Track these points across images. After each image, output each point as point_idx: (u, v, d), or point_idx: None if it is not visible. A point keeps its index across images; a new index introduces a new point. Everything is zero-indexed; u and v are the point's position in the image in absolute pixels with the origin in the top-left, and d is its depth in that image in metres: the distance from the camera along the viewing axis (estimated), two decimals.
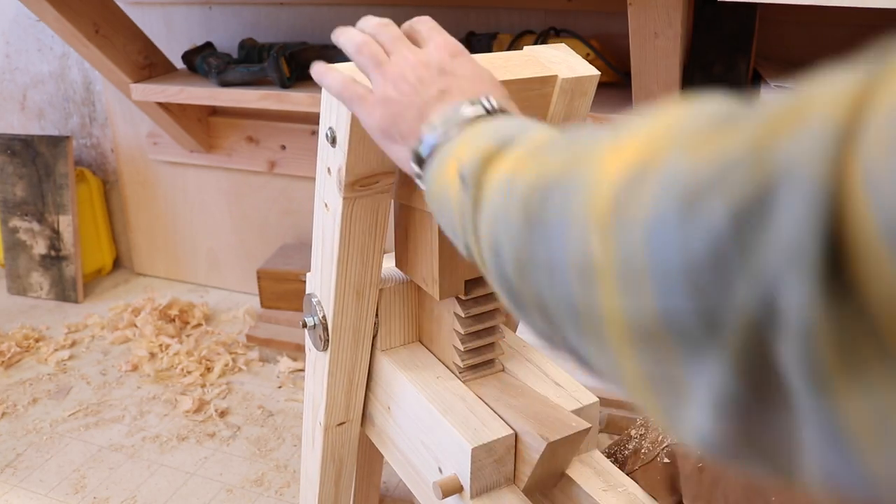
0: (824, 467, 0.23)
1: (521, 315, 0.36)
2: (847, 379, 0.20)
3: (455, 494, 0.67)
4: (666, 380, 0.27)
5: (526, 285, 0.33)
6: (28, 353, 1.69)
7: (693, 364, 0.25)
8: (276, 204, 1.83)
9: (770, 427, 0.24)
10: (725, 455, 0.26)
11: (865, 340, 0.20)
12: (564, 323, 0.31)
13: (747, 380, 0.23)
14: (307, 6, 1.61)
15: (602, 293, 0.27)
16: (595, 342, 0.29)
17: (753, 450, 0.25)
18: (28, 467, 1.33)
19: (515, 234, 0.33)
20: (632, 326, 0.27)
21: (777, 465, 0.25)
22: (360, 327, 0.75)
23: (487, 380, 0.75)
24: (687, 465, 0.70)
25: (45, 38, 1.90)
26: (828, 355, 0.20)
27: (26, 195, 1.91)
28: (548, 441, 0.64)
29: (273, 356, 1.63)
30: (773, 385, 0.23)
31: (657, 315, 0.25)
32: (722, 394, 0.24)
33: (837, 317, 0.20)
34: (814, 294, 0.20)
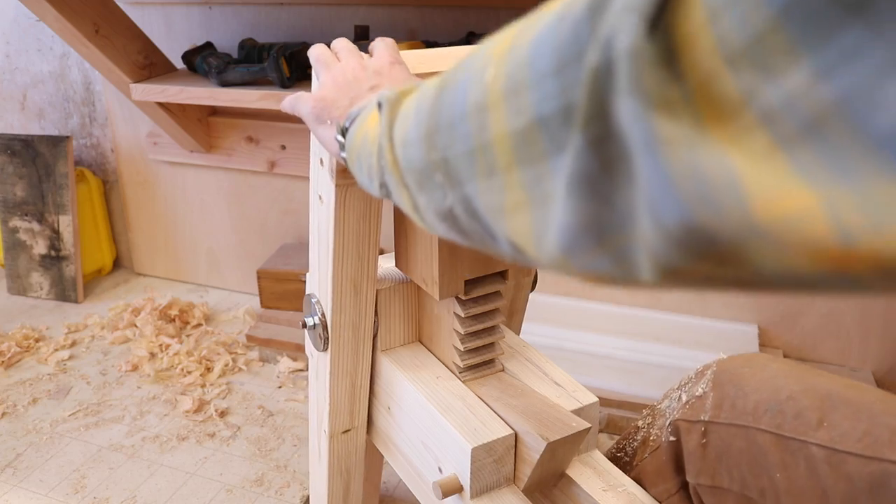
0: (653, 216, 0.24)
1: (426, 193, 0.38)
2: (670, 132, 0.23)
3: (455, 494, 0.67)
4: (539, 190, 0.29)
5: (433, 154, 0.36)
6: (28, 353, 1.69)
7: (558, 160, 0.27)
8: (276, 204, 1.83)
9: (616, 208, 0.26)
10: (581, 258, 0.28)
11: (682, 104, 0.22)
12: (462, 171, 0.34)
13: (598, 154, 0.25)
14: (307, 6, 1.61)
15: (493, 120, 0.30)
16: (486, 176, 0.32)
17: (603, 245, 0.27)
18: (28, 467, 1.33)
19: (426, 110, 0.36)
20: (515, 144, 0.29)
21: (621, 262, 0.27)
22: (360, 325, 0.75)
23: (487, 380, 0.75)
24: (690, 442, 0.71)
25: (45, 38, 1.90)
26: (653, 104, 0.23)
27: (26, 195, 1.91)
28: (548, 441, 0.64)
29: (273, 356, 1.63)
30: (619, 156, 0.25)
31: (532, 116, 0.28)
32: (578, 176, 0.26)
33: (660, 71, 0.22)
34: (640, 36, 0.22)
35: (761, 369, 0.71)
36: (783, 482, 0.63)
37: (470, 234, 0.37)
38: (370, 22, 1.58)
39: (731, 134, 0.22)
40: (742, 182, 0.21)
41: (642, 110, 0.23)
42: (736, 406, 0.69)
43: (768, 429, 0.65)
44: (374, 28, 1.57)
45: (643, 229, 0.25)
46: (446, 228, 0.39)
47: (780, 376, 0.69)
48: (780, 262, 0.22)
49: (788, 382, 0.68)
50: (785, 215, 0.21)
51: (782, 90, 0.20)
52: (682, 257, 0.24)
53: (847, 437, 0.61)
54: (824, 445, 0.61)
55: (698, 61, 0.22)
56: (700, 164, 0.22)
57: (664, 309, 1.58)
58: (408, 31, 1.57)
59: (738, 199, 0.22)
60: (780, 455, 0.64)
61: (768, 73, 0.20)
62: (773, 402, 0.66)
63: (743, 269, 0.23)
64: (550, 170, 0.28)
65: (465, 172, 0.34)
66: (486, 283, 0.71)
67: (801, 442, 0.63)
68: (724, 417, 0.69)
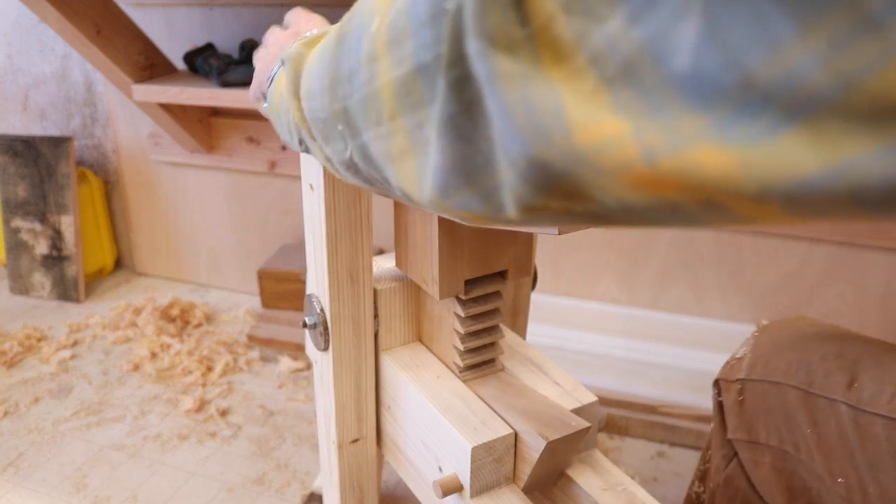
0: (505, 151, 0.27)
1: (331, 144, 0.40)
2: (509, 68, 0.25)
3: (455, 493, 0.68)
4: (421, 137, 0.31)
5: (335, 104, 0.37)
6: (30, 352, 1.69)
7: (432, 107, 0.29)
8: (277, 204, 1.84)
9: (479, 148, 0.28)
10: (454, 198, 0.31)
11: (524, 45, 0.24)
12: (358, 119, 0.35)
13: (458, 96, 0.27)
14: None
15: (380, 69, 0.32)
16: (376, 124, 0.33)
17: (471, 184, 0.29)
18: (30, 466, 1.33)
19: (327, 62, 0.37)
20: (397, 92, 0.31)
21: (489, 200, 0.29)
22: (360, 320, 0.75)
23: (487, 379, 0.75)
24: (729, 399, 0.74)
25: (46, 39, 1.91)
26: (495, 43, 0.25)
27: (28, 195, 1.91)
28: (547, 440, 0.64)
29: (274, 356, 1.64)
30: (477, 98, 0.27)
31: (412, 64, 0.29)
32: (443, 117, 0.28)
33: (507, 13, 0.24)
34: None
35: (798, 331, 0.73)
36: (813, 438, 0.65)
37: (372, 182, 0.39)
38: None
39: (566, 74, 0.23)
40: (566, 112, 0.23)
41: (485, 49, 0.25)
42: (770, 364, 0.71)
43: (798, 385, 0.67)
44: None
45: (501, 166, 0.27)
46: (352, 177, 0.41)
47: (817, 338, 0.71)
48: (610, 190, 0.24)
49: (824, 344, 0.69)
50: (600, 140, 0.23)
51: (605, 34, 0.22)
52: (533, 192, 0.26)
53: (876, 399, 0.62)
54: (853, 405, 0.63)
55: (540, 6, 0.24)
56: (532, 96, 0.24)
57: (664, 309, 1.59)
58: None
59: (562, 127, 0.24)
60: (809, 412, 0.66)
61: (595, 18, 0.22)
62: (806, 362, 0.68)
63: (588, 202, 0.25)
64: (428, 116, 0.30)
65: (360, 121, 0.35)
66: (486, 283, 0.71)
67: (829, 400, 0.64)
68: (758, 374, 0.71)
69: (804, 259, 1.44)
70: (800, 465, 0.67)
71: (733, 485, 0.75)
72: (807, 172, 0.19)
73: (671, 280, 1.56)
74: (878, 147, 0.18)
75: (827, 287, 1.45)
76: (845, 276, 1.43)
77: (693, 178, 0.22)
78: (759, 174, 0.20)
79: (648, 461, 1.31)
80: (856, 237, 1.37)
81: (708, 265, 1.52)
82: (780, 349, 0.71)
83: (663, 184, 0.22)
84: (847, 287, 1.43)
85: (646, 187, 0.23)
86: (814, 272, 1.45)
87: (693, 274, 1.54)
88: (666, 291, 1.58)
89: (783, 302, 1.49)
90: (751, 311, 1.53)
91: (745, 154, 0.20)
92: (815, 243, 1.42)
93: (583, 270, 1.63)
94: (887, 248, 1.37)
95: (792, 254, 1.45)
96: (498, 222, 0.31)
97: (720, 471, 0.76)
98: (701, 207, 0.23)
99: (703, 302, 1.56)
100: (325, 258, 0.70)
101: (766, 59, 0.18)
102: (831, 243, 1.41)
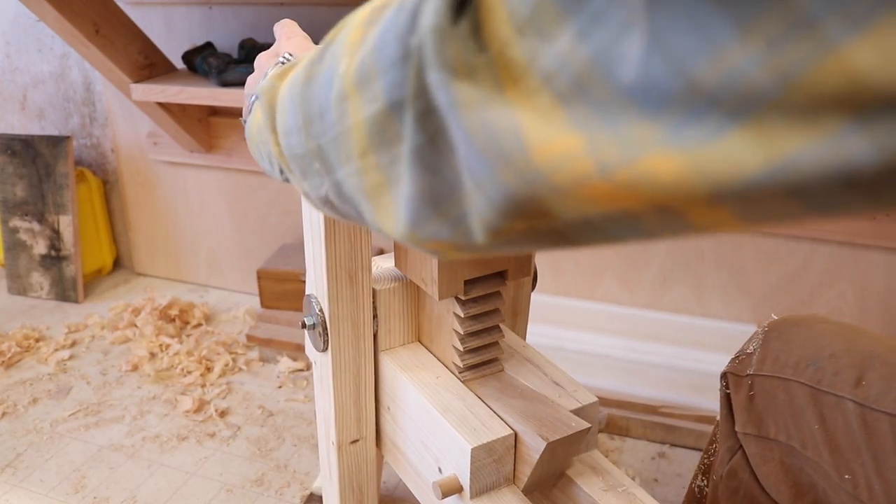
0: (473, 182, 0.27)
1: (308, 180, 0.40)
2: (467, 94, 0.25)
3: (455, 494, 0.67)
4: (395, 172, 0.31)
5: (311, 142, 0.37)
6: (28, 353, 1.69)
7: (403, 140, 0.30)
8: (276, 204, 1.84)
9: (445, 177, 0.29)
10: (424, 229, 0.31)
11: (484, 71, 0.25)
12: (331, 157, 0.36)
13: (423, 128, 0.28)
14: (307, 6, 1.61)
15: (351, 108, 0.32)
16: (347, 161, 0.34)
17: (440, 213, 0.30)
18: (28, 467, 1.33)
19: (298, 101, 0.38)
20: (369, 129, 0.31)
21: (457, 228, 0.30)
22: (359, 320, 0.75)
23: (487, 380, 0.75)
24: (739, 394, 0.74)
25: (45, 38, 1.90)
26: (454, 73, 0.25)
27: (26, 195, 1.91)
28: (547, 441, 0.64)
29: (273, 356, 1.63)
30: (441, 129, 0.27)
31: (383, 103, 0.30)
32: (411, 150, 0.29)
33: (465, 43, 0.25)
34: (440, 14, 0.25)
35: (809, 328, 0.74)
36: (821, 435, 0.66)
37: (346, 216, 0.39)
38: None
39: (522, 94, 0.24)
40: (523, 133, 0.24)
41: (444, 79, 0.26)
42: (779, 360, 0.71)
43: (807, 382, 0.68)
44: None
45: (468, 192, 0.28)
46: (329, 211, 0.41)
47: (827, 335, 0.71)
48: (571, 207, 0.25)
49: (833, 341, 0.70)
50: (557, 156, 0.23)
51: (555, 52, 0.23)
52: (499, 215, 0.27)
53: (883, 397, 0.62)
54: (860, 403, 0.63)
55: (496, 31, 0.24)
56: (491, 119, 0.25)
57: (664, 309, 1.58)
58: None
59: (520, 147, 0.24)
60: (817, 408, 0.66)
61: (545, 37, 0.23)
62: (815, 359, 0.69)
63: (551, 219, 0.26)
64: (402, 151, 0.30)
65: (334, 159, 0.35)
66: (486, 283, 0.71)
67: (837, 397, 0.65)
68: (767, 370, 0.72)
69: (805, 259, 1.44)
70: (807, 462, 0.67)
71: (736, 477, 0.75)
72: (752, 171, 0.20)
73: (672, 280, 1.56)
74: (814, 139, 0.18)
75: (828, 287, 1.45)
76: (846, 276, 1.42)
77: (647, 186, 0.22)
78: (708, 177, 0.21)
79: (649, 462, 1.31)
80: (857, 237, 1.37)
81: (708, 265, 1.52)
82: (789, 345, 0.72)
83: (619, 195, 0.23)
84: (848, 287, 1.43)
85: (604, 200, 0.23)
86: (815, 272, 1.44)
87: (694, 274, 1.54)
88: (666, 291, 1.57)
89: (784, 302, 1.49)
90: (752, 311, 1.52)
91: (695, 157, 0.21)
92: (817, 243, 1.42)
93: (583, 270, 1.62)
94: (889, 247, 1.37)
95: (793, 253, 1.45)
96: (467, 250, 0.31)
97: (724, 463, 0.76)
98: (658, 217, 0.23)
99: (704, 302, 1.55)
100: (323, 258, 0.70)
101: (710, 63, 0.19)
102: (832, 243, 1.41)
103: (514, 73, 0.24)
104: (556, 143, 0.23)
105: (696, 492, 0.84)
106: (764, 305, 1.51)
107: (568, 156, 0.23)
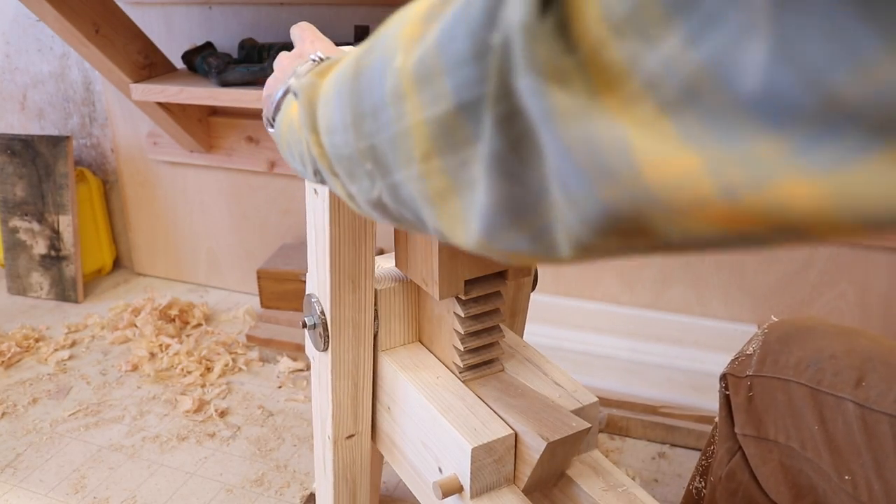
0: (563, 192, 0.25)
1: (357, 182, 0.38)
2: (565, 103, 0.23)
3: (455, 494, 0.67)
4: (466, 176, 0.29)
5: (361, 141, 0.35)
6: (28, 353, 1.69)
7: (479, 145, 0.28)
8: (276, 204, 1.83)
9: (529, 187, 0.27)
10: (500, 239, 0.29)
11: (576, 74, 0.23)
12: (389, 159, 0.33)
13: (506, 134, 0.26)
14: (307, 6, 1.61)
15: (409, 107, 0.30)
16: (407, 164, 0.32)
17: (520, 224, 0.28)
18: (28, 467, 1.33)
19: (346, 96, 0.36)
20: (433, 131, 0.29)
21: (539, 240, 0.28)
22: (360, 322, 0.75)
23: (487, 380, 0.75)
24: (738, 395, 0.74)
25: (44, 38, 1.90)
26: (547, 77, 0.23)
27: (26, 195, 1.91)
28: (548, 441, 0.64)
29: (273, 356, 1.63)
30: (526, 135, 0.25)
31: (452, 103, 0.28)
32: (490, 156, 0.27)
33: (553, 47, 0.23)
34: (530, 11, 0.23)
35: (808, 330, 0.73)
36: (821, 435, 0.65)
37: (401, 221, 0.37)
38: (370, 22, 1.58)
39: (621, 101, 0.22)
40: (632, 148, 0.22)
41: (538, 84, 0.24)
42: (779, 361, 0.71)
43: (807, 383, 0.67)
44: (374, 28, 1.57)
45: (557, 206, 0.26)
46: (379, 216, 0.39)
47: (827, 337, 0.71)
48: (680, 227, 0.23)
49: (833, 343, 0.70)
50: (673, 177, 0.21)
51: (660, 56, 0.21)
52: (594, 232, 0.25)
53: (883, 398, 0.62)
54: (860, 403, 0.63)
55: (588, 30, 0.22)
56: (593, 133, 0.23)
57: (664, 309, 1.58)
58: None
59: (629, 165, 0.22)
60: (817, 409, 0.66)
61: (648, 39, 0.21)
62: (815, 360, 0.68)
63: (652, 238, 0.24)
64: (475, 154, 0.28)
65: (391, 160, 0.33)
66: (486, 283, 0.71)
67: (837, 398, 0.65)
68: (766, 371, 0.72)
69: (806, 259, 1.44)
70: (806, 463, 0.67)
71: (735, 479, 0.75)
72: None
73: (672, 280, 1.56)
74: None
75: (829, 287, 1.45)
76: (847, 276, 1.42)
77: (780, 213, 0.20)
78: (855, 208, 0.19)
79: (649, 462, 1.31)
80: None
81: (709, 265, 1.52)
82: (789, 346, 0.72)
83: (744, 219, 0.21)
84: (849, 287, 1.43)
85: (724, 223, 0.22)
86: (816, 272, 1.44)
87: (694, 274, 1.54)
88: (667, 291, 1.57)
89: (785, 302, 1.49)
90: (752, 311, 1.52)
91: (836, 183, 0.19)
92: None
93: (583, 270, 1.62)
94: (889, 248, 1.37)
95: (794, 253, 1.44)
96: (547, 262, 0.29)
97: (723, 465, 0.76)
98: (783, 236, 0.22)
99: (705, 302, 1.55)
100: (327, 264, 0.70)
101: (852, 77, 0.17)
102: (833, 243, 1.41)
103: (612, 78, 0.22)
104: (672, 161, 0.21)
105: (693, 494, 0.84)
106: (764, 305, 1.51)
107: (686, 177, 0.21)
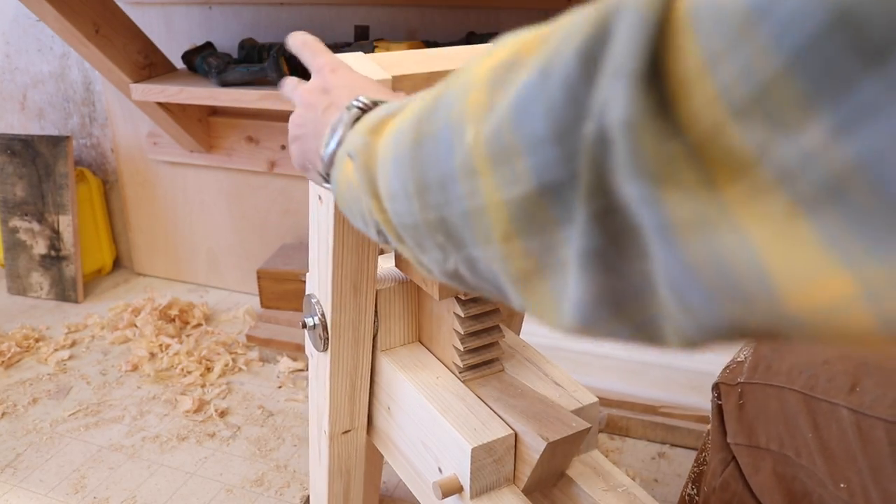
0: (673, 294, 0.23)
1: (427, 253, 0.36)
2: (682, 212, 0.21)
3: (455, 494, 0.67)
4: (553, 258, 0.27)
5: (429, 212, 0.33)
6: (28, 353, 1.69)
7: (570, 229, 0.26)
8: (276, 204, 1.83)
9: (630, 281, 0.25)
10: (599, 329, 0.27)
11: (687, 162, 0.21)
12: (463, 233, 0.32)
13: (603, 229, 0.24)
14: (307, 6, 1.61)
15: (483, 185, 0.28)
16: (485, 242, 0.30)
17: (619, 313, 0.26)
18: (28, 467, 1.33)
19: (407, 163, 0.34)
20: (513, 212, 0.28)
21: (641, 327, 0.26)
22: (360, 325, 0.75)
23: (487, 380, 0.75)
24: (729, 403, 0.73)
25: (44, 38, 1.90)
26: (658, 181, 0.21)
27: (26, 195, 1.91)
28: (548, 441, 0.64)
29: (273, 356, 1.63)
30: (627, 230, 0.24)
31: (532, 185, 0.26)
32: (586, 250, 0.25)
33: (658, 135, 0.21)
34: (635, 107, 0.21)
35: None
36: (815, 443, 0.64)
37: (481, 290, 0.35)
38: (370, 22, 1.58)
39: (746, 193, 0.20)
40: (769, 271, 0.20)
41: (648, 192, 0.22)
42: (771, 367, 0.70)
43: (800, 389, 0.66)
44: (374, 28, 1.57)
45: (665, 303, 0.24)
46: (457, 284, 0.37)
47: None
48: (818, 341, 0.21)
49: (826, 348, 0.68)
50: (821, 306, 0.19)
51: (798, 147, 0.19)
52: (709, 337, 0.23)
53: (878, 403, 0.61)
54: (855, 409, 0.62)
55: (700, 112, 0.20)
56: (718, 248, 0.21)
57: None
58: (408, 30, 1.57)
59: (766, 290, 0.20)
60: (811, 416, 0.65)
61: (781, 127, 0.19)
62: (809, 366, 0.67)
63: (781, 341, 0.23)
64: (563, 238, 0.26)
65: (466, 236, 0.32)
66: None
67: (831, 404, 0.63)
68: (758, 378, 0.70)
69: None
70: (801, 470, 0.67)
71: (729, 489, 0.74)
72: None
73: None
74: None
75: None
76: None
77: None
78: None
79: (649, 462, 1.31)
80: None
81: None
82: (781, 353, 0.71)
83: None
84: None
85: (872, 347, 0.20)
86: None
87: None
88: None
89: None
90: None
91: None
92: None
93: None
94: None
95: None
96: (650, 347, 0.27)
97: (717, 475, 0.75)
98: None
99: None
100: (329, 270, 0.70)
101: None
102: None
103: (733, 167, 0.20)
104: (821, 288, 0.19)
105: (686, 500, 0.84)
106: None
107: (838, 306, 0.19)
